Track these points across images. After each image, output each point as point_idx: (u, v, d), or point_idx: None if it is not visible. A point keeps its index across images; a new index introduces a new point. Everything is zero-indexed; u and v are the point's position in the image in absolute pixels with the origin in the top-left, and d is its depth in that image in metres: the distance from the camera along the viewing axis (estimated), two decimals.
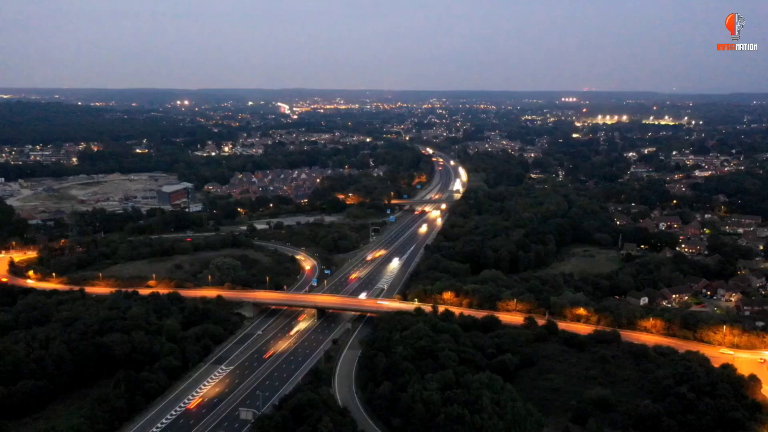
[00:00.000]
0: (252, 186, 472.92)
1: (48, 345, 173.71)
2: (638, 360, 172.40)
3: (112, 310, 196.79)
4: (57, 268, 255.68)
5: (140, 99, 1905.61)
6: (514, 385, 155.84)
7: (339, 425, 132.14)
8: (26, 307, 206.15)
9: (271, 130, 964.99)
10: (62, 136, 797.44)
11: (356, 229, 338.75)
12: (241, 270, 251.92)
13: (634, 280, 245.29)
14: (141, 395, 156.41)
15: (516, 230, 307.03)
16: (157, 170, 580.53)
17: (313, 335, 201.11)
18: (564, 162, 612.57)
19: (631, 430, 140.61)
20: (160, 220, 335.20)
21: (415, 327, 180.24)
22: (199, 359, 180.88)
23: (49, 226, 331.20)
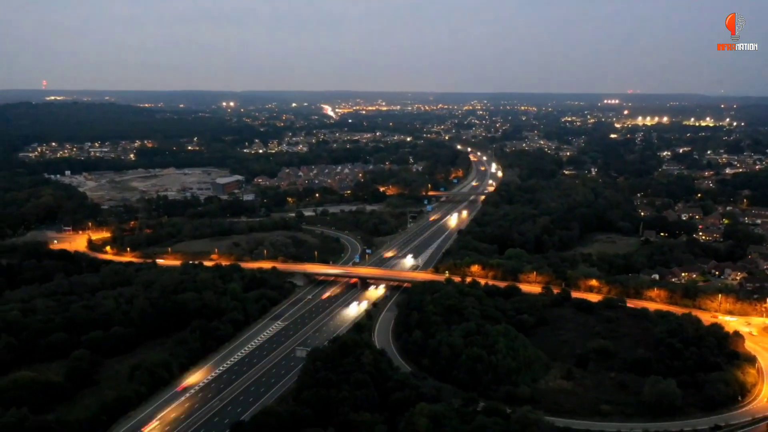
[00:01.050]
0: (298, 179, 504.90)
1: (132, 301, 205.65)
2: (639, 320, 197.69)
3: (183, 275, 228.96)
4: (130, 245, 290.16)
5: (187, 100, 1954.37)
6: (529, 339, 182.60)
7: (377, 360, 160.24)
8: (110, 273, 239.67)
9: (314, 129, 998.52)
10: (117, 134, 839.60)
11: (395, 216, 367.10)
12: (292, 247, 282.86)
13: (648, 261, 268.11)
14: (213, 340, 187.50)
15: (542, 217, 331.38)
16: (209, 165, 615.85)
17: (356, 300, 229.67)
18: (598, 160, 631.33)
19: (624, 372, 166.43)
20: (217, 207, 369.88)
21: (444, 290, 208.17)
22: (258, 316, 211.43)
23: (118, 211, 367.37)
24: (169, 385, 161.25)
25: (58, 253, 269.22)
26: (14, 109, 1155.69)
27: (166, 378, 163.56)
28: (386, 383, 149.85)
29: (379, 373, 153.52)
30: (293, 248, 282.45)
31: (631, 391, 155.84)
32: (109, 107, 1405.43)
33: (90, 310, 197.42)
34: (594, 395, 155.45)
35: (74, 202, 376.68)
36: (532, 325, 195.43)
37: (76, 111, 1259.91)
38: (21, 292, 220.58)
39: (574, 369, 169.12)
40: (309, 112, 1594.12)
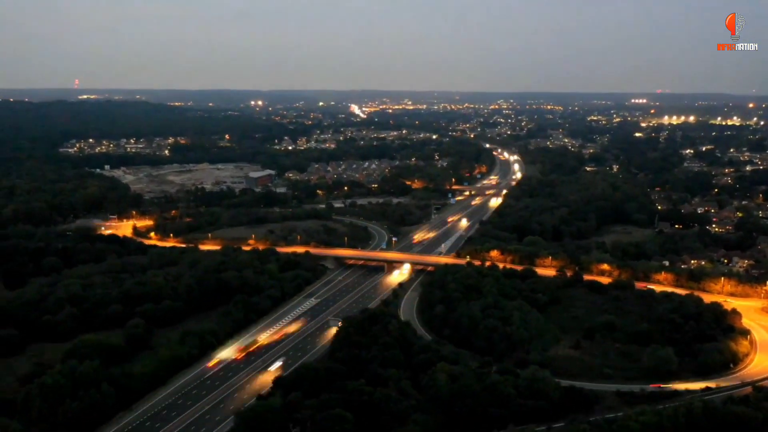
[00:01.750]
0: (327, 174, 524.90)
1: (179, 279, 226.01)
2: (645, 300, 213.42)
3: (224, 257, 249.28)
4: (172, 231, 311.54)
5: (216, 99, 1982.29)
6: (543, 315, 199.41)
7: (402, 328, 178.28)
8: (156, 254, 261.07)
9: (342, 127, 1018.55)
10: (151, 131, 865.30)
11: (420, 207, 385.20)
12: (323, 234, 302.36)
13: (660, 249, 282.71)
14: (253, 312, 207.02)
15: (561, 209, 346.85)
16: (241, 161, 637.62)
17: (383, 282, 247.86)
18: (620, 157, 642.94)
19: (628, 343, 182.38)
20: (251, 198, 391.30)
21: (464, 271, 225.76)
22: (294, 293, 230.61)
23: (159, 201, 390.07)
24: (216, 349, 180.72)
25: (108, 237, 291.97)
26: (51, 107, 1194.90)
27: (213, 343, 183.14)
28: (410, 348, 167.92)
29: (404, 339, 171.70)
30: (324, 235, 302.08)
31: (633, 359, 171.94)
32: (142, 105, 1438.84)
33: (142, 285, 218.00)
34: (598, 362, 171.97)
35: (118, 193, 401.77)
36: (545, 303, 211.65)
37: (110, 109, 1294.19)
38: (78, 270, 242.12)
39: (582, 340, 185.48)
40: (336, 111, 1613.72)
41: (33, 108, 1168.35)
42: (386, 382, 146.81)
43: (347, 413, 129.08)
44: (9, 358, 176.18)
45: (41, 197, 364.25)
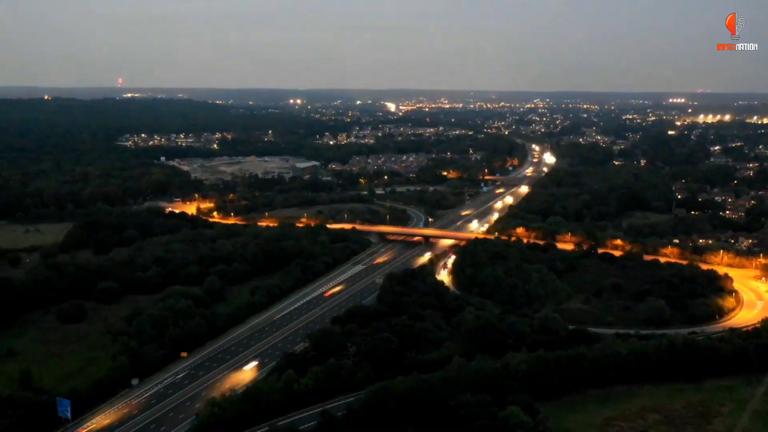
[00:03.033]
0: (368, 165, 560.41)
1: (245, 246, 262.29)
2: (650, 268, 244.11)
3: (282, 230, 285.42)
4: (232, 211, 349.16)
5: (255, 98, 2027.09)
6: (559, 279, 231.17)
7: (437, 283, 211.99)
8: (222, 228, 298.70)
9: (380, 124, 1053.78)
10: (198, 126, 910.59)
11: (454, 194, 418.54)
12: (367, 214, 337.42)
13: (672, 230, 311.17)
14: (310, 273, 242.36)
15: (584, 195, 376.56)
16: (285, 154, 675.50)
17: (421, 253, 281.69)
18: (648, 152, 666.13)
19: (630, 300, 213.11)
20: (300, 184, 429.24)
21: (492, 242, 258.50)
22: (343, 261, 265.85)
23: (218, 186, 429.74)
24: (281, 300, 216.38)
25: (179, 214, 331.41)
26: (101, 104, 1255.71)
27: (278, 294, 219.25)
28: (443, 297, 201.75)
29: (438, 291, 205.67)
30: (368, 215, 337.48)
31: (633, 312, 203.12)
32: (186, 103, 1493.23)
33: (214, 250, 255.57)
34: (603, 313, 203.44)
35: (180, 179, 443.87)
36: (562, 270, 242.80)
37: (156, 106, 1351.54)
38: (156, 239, 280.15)
39: (591, 297, 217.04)
40: (373, 109, 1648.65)
41: (85, 105, 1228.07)
42: (423, 319, 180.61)
43: (393, 337, 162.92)
44: (111, 305, 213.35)
45: (113, 182, 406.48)
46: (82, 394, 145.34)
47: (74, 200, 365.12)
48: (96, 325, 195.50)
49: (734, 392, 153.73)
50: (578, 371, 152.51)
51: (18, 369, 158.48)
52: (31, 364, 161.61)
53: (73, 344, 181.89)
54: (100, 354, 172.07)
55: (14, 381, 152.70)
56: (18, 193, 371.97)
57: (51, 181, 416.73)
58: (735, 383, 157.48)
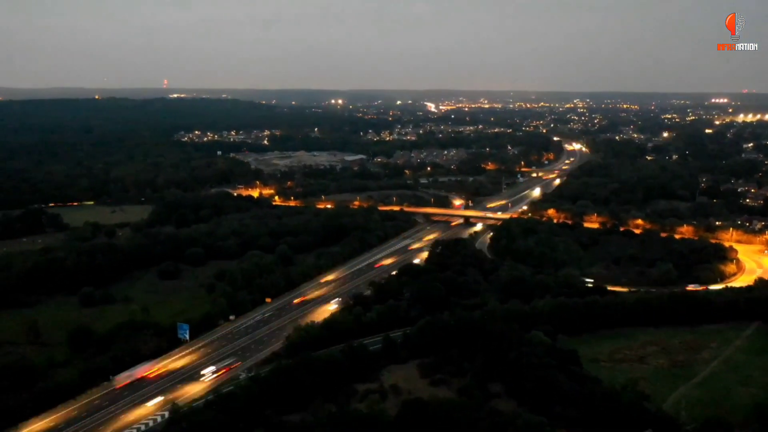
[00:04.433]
0: (411, 159, 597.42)
1: (308, 222, 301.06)
2: (665, 242, 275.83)
3: (338, 210, 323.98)
4: (292, 195, 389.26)
5: (297, 98, 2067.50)
6: (584, 252, 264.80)
7: (476, 251, 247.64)
8: (286, 208, 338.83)
9: (421, 123, 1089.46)
10: (247, 124, 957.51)
11: (492, 184, 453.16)
12: (413, 199, 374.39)
13: (692, 214, 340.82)
14: (365, 244, 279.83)
15: (612, 184, 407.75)
16: (333, 149, 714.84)
17: (462, 231, 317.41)
18: (680, 148, 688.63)
19: (644, 267, 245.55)
20: (350, 174, 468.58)
21: (525, 220, 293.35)
22: (394, 236, 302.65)
23: (276, 175, 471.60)
24: (341, 265, 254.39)
25: (246, 197, 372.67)
26: (152, 103, 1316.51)
27: (340, 260, 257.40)
28: (481, 262, 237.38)
29: (477, 256, 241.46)
30: (414, 200, 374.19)
31: (645, 275, 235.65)
32: (232, 103, 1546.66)
33: (283, 225, 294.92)
34: (620, 276, 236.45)
35: (242, 169, 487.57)
36: (587, 244, 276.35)
37: (203, 106, 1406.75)
38: (230, 217, 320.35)
39: (611, 265, 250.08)
40: (413, 109, 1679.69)
41: (138, 105, 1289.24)
42: (465, 275, 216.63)
43: (440, 286, 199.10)
44: (198, 267, 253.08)
45: (182, 171, 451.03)
46: (193, 324, 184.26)
47: (151, 186, 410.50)
48: (189, 281, 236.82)
49: (723, 334, 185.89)
50: (592, 314, 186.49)
51: (138, 307, 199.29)
52: (145, 306, 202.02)
53: (175, 294, 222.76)
54: (198, 300, 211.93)
55: (138, 314, 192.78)
56: (102, 180, 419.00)
57: (128, 169, 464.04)
58: (726, 328, 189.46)
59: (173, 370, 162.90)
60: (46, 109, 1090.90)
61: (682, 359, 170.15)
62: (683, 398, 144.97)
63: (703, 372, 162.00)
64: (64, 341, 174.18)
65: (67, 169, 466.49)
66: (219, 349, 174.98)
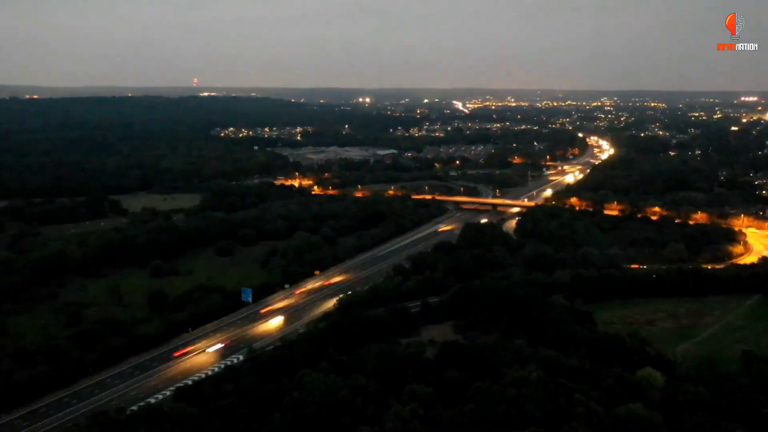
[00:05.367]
0: (440, 153, 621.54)
1: (347, 208, 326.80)
2: (680, 227, 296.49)
3: (375, 197, 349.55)
4: (330, 185, 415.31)
5: (325, 96, 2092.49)
6: (603, 234, 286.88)
7: (504, 233, 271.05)
8: (327, 196, 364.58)
9: (448, 120, 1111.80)
10: (279, 121, 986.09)
11: (519, 176, 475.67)
12: (444, 189, 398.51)
13: (708, 203, 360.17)
14: (400, 227, 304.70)
15: (634, 176, 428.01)
16: (364, 145, 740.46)
17: (490, 217, 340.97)
18: (704, 144, 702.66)
19: (658, 248, 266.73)
20: (383, 166, 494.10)
21: (549, 206, 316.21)
22: (426, 221, 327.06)
23: (313, 167, 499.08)
24: (380, 245, 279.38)
25: (288, 186, 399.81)
26: (186, 102, 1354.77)
27: (378, 241, 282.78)
28: (508, 242, 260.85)
29: (504, 237, 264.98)
30: (444, 189, 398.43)
31: (659, 255, 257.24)
32: (262, 101, 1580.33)
33: (324, 210, 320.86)
34: (635, 255, 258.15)
35: (281, 161, 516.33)
36: (606, 229, 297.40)
37: (235, 103, 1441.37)
38: (275, 203, 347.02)
39: (627, 246, 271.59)
40: (440, 107, 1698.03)
41: (173, 102, 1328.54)
42: (493, 251, 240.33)
43: (471, 260, 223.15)
44: (250, 246, 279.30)
45: (226, 163, 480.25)
46: (253, 291, 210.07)
47: (197, 176, 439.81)
48: (243, 258, 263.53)
49: (727, 304, 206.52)
50: (607, 284, 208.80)
51: (203, 276, 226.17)
52: (209, 276, 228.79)
53: (231, 268, 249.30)
54: (253, 273, 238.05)
55: (204, 282, 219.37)
56: (152, 171, 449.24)
57: (175, 161, 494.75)
58: (729, 299, 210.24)
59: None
60: (85, 107, 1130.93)
61: (686, 323, 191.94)
62: (683, 351, 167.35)
63: (704, 333, 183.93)
64: (144, 303, 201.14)
65: (119, 161, 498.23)
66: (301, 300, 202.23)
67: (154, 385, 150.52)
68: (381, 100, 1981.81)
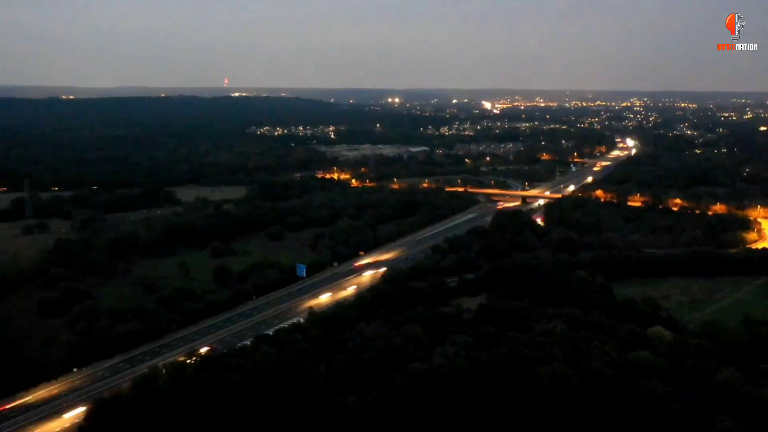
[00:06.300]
0: (470, 150, 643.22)
1: (386, 198, 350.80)
2: (699, 216, 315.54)
3: (411, 189, 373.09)
4: (366, 179, 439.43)
5: (354, 97, 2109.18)
6: (625, 223, 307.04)
7: (532, 221, 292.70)
8: (365, 188, 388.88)
9: (478, 120, 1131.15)
10: (312, 120, 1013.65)
11: (547, 172, 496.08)
12: (475, 182, 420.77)
13: (729, 197, 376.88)
14: (435, 216, 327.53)
15: (658, 171, 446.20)
16: (396, 143, 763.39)
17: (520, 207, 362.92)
18: (730, 143, 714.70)
19: (677, 235, 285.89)
20: (416, 162, 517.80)
21: (575, 197, 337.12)
22: (459, 211, 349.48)
23: (349, 163, 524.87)
24: (417, 231, 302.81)
25: (329, 179, 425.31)
26: (220, 101, 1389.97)
27: (416, 228, 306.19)
28: (536, 228, 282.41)
29: (532, 224, 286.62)
30: (475, 183, 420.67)
31: (676, 241, 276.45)
32: (294, 101, 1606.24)
33: (363, 200, 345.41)
34: (654, 242, 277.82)
35: (319, 157, 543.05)
36: (629, 218, 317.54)
37: (267, 103, 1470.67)
38: (317, 194, 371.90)
39: (648, 233, 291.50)
40: (469, 107, 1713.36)
41: (208, 102, 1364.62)
42: (522, 235, 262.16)
43: (502, 242, 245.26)
44: (295, 233, 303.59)
45: (268, 158, 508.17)
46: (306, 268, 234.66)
47: (242, 170, 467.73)
48: (292, 242, 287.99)
49: (738, 283, 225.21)
50: (626, 264, 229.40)
51: (258, 256, 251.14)
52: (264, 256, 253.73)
53: (282, 250, 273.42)
54: (303, 254, 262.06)
55: (261, 260, 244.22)
56: (200, 165, 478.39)
57: (220, 157, 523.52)
58: (741, 279, 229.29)
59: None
60: (123, 107, 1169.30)
61: (698, 298, 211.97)
62: (693, 319, 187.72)
63: (714, 306, 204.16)
64: (209, 277, 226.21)
65: (167, 156, 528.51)
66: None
67: (231, 336, 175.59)
68: (410, 100, 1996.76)
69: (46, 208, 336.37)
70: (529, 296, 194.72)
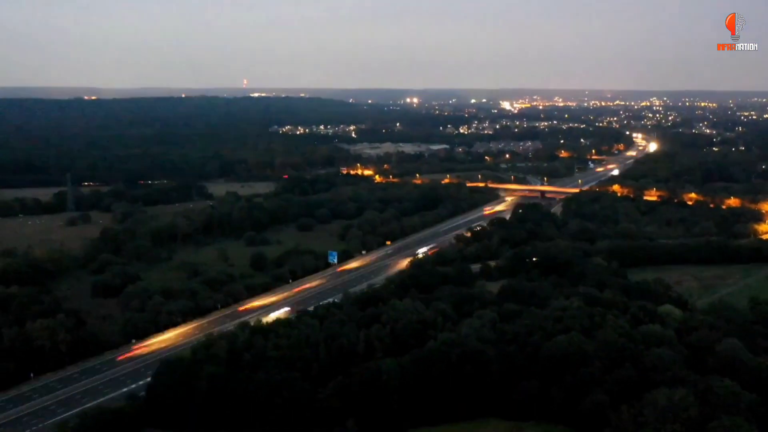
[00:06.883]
0: (490, 148, 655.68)
1: (410, 192, 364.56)
2: (713, 210, 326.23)
3: (433, 183, 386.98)
4: (390, 174, 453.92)
5: (373, 96, 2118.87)
6: (641, 216, 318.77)
7: (552, 213, 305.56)
8: (389, 183, 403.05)
9: (496, 119, 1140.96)
10: (332, 120, 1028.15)
11: (566, 168, 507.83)
12: (495, 178, 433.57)
13: (743, 192, 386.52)
14: (457, 209, 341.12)
15: (675, 167, 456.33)
16: (416, 141, 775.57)
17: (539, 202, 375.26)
18: (748, 141, 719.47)
19: (691, 226, 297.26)
20: (437, 159, 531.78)
21: (593, 191, 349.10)
22: (480, 205, 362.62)
23: (372, 159, 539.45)
24: (439, 224, 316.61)
25: (353, 175, 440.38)
26: (241, 102, 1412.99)
27: (439, 220, 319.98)
28: (556, 221, 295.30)
29: (551, 215, 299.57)
30: (496, 178, 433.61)
31: (690, 232, 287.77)
32: (314, 101, 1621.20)
33: (388, 194, 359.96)
34: (669, 233, 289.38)
35: (343, 154, 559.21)
36: (644, 211, 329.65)
37: (287, 103, 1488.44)
38: (344, 188, 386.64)
39: (663, 225, 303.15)
40: (488, 107, 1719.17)
41: (228, 102, 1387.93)
42: (543, 227, 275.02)
43: (523, 232, 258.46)
44: (326, 224, 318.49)
45: (293, 155, 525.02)
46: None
47: (269, 166, 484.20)
48: (321, 233, 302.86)
49: (748, 270, 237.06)
50: (641, 252, 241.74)
51: (290, 245, 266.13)
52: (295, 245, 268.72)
53: (312, 240, 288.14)
54: (332, 244, 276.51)
55: (294, 248, 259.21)
56: (229, 161, 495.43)
57: (246, 154, 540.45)
58: (751, 267, 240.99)
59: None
60: (147, 106, 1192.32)
61: (709, 284, 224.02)
62: (702, 302, 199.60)
63: (724, 291, 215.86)
64: (246, 264, 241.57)
65: (196, 153, 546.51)
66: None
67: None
68: (428, 99, 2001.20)
69: (86, 202, 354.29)
70: (549, 279, 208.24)
